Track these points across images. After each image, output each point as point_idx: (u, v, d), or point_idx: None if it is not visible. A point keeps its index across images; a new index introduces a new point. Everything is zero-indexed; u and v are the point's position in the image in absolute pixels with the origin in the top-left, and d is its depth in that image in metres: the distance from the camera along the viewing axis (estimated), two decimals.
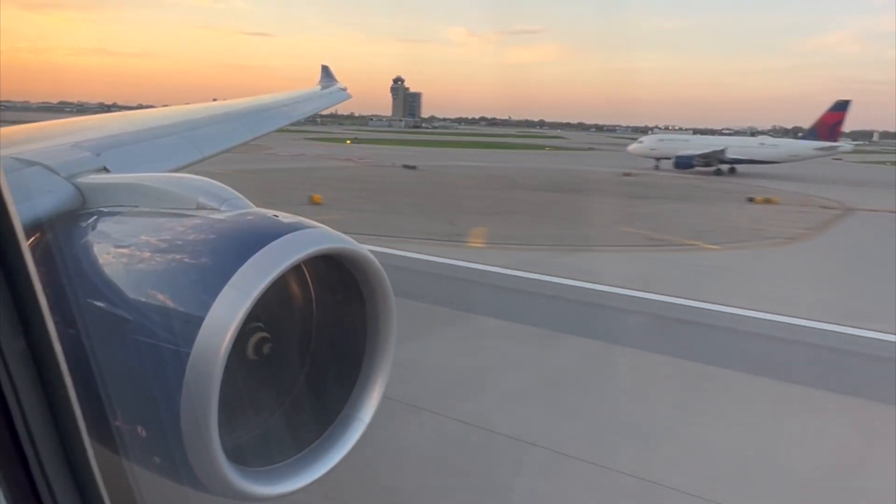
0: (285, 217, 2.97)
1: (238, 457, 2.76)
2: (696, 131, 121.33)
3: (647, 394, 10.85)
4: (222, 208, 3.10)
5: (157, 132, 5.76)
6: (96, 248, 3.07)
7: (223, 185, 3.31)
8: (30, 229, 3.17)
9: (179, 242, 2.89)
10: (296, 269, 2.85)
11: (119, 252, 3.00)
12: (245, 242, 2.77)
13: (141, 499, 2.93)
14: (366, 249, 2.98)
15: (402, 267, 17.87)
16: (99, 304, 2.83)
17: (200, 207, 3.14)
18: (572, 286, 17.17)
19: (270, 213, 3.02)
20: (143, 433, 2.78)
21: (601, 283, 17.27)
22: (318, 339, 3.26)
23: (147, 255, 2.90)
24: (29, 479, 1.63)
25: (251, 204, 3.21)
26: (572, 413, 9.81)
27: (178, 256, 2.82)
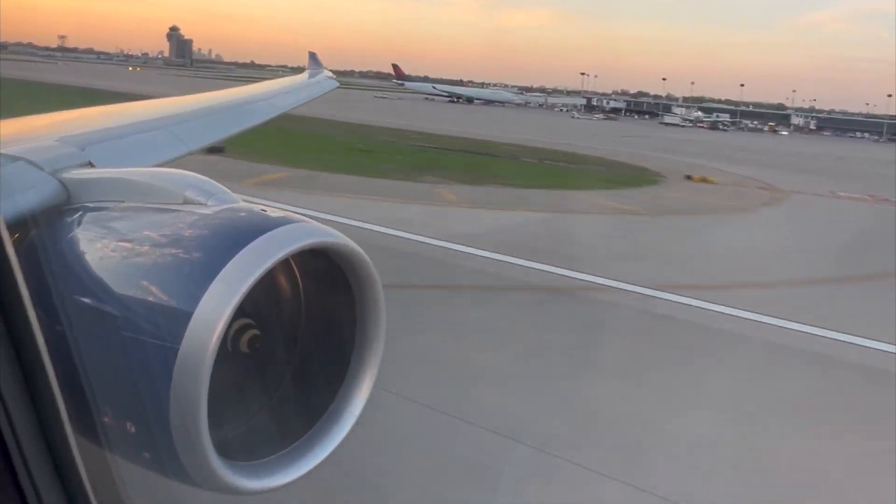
0: (273, 211, 2.97)
1: (227, 451, 2.77)
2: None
3: None
4: (209, 203, 3.09)
5: (142, 126, 5.72)
6: (82, 244, 3.04)
7: (210, 180, 3.30)
8: (13, 226, 3.14)
9: (167, 237, 2.87)
10: (284, 263, 2.86)
11: (105, 247, 2.97)
12: (233, 237, 2.76)
13: (126, 494, 2.94)
14: (353, 242, 2.99)
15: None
16: (85, 300, 2.81)
17: (187, 202, 3.12)
18: None
19: (258, 207, 3.02)
20: (132, 429, 2.77)
21: None
22: (306, 333, 3.26)
23: (134, 249, 2.88)
24: (12, 475, 1.63)
25: (239, 199, 3.20)
26: None
27: (165, 251, 2.81)
